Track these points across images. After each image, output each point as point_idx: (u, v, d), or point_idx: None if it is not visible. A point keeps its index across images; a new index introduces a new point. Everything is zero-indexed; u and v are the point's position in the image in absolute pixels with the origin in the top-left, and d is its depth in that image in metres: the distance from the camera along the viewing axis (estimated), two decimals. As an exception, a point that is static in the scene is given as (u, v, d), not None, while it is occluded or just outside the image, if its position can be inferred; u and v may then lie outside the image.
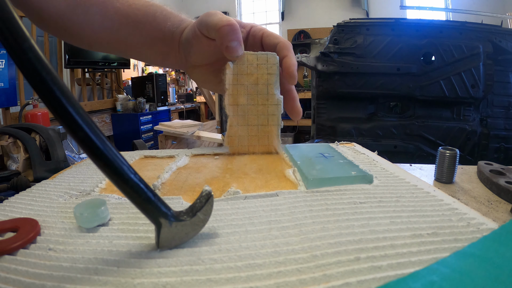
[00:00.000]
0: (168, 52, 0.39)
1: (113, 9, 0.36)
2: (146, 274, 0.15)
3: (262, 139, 0.37)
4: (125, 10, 0.37)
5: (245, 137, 0.37)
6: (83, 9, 0.36)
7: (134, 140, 0.52)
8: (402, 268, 0.15)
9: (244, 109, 0.36)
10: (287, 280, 0.14)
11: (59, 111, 0.13)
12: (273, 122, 0.37)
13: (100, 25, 0.37)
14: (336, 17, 3.67)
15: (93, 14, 0.37)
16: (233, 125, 0.37)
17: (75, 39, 0.40)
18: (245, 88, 0.36)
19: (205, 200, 0.18)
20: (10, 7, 0.13)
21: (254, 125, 0.37)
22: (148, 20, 0.37)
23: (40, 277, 0.15)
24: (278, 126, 0.37)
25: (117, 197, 0.25)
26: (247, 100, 0.36)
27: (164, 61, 0.41)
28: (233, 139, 0.37)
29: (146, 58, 0.41)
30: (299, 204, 0.22)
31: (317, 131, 1.73)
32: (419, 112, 1.61)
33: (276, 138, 0.37)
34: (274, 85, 0.36)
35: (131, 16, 0.37)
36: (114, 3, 0.37)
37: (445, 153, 0.41)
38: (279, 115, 0.37)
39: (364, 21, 1.70)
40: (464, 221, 0.19)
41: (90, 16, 0.37)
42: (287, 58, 0.35)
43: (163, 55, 0.39)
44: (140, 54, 0.41)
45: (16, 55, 0.13)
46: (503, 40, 1.49)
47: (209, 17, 0.33)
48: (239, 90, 0.36)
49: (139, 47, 0.39)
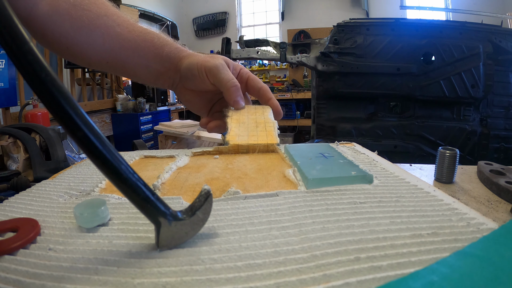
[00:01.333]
0: (163, 74, 0.44)
1: (115, 33, 0.40)
2: (146, 274, 0.15)
3: (261, 136, 0.39)
4: (125, 34, 0.41)
5: (244, 136, 0.38)
6: (87, 31, 0.39)
7: (134, 140, 0.52)
8: (402, 268, 0.15)
9: (245, 124, 0.42)
10: (287, 280, 0.14)
11: (58, 112, 0.14)
12: (270, 128, 0.41)
13: (101, 47, 0.41)
14: (336, 17, 3.68)
15: (96, 37, 0.40)
16: (234, 130, 0.40)
17: (76, 58, 0.43)
18: (245, 125, 0.42)
19: (204, 199, 0.18)
20: (10, 11, 0.13)
21: (253, 131, 0.41)
22: (147, 45, 0.41)
23: (40, 277, 0.15)
24: (275, 130, 0.41)
25: (117, 197, 0.25)
26: (247, 118, 0.42)
27: (156, 81, 0.45)
28: (233, 137, 0.38)
29: (139, 78, 0.46)
30: (299, 204, 0.22)
31: (317, 131, 1.73)
32: (419, 112, 1.61)
33: (274, 134, 0.40)
34: (268, 116, 0.44)
35: (131, 40, 0.41)
36: (115, 28, 0.40)
37: (445, 153, 0.41)
38: (275, 127, 0.42)
39: (364, 21, 1.70)
40: (464, 221, 0.19)
41: (93, 38, 0.40)
42: (272, 100, 0.46)
43: (156, 76, 0.44)
44: (135, 74, 0.45)
45: (15, 58, 0.13)
46: (503, 40, 1.50)
47: (219, 74, 0.41)
48: (240, 128, 0.42)
49: (136, 68, 0.43)
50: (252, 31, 4.90)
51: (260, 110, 0.44)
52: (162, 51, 0.42)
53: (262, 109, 0.45)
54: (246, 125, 0.41)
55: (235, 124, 0.41)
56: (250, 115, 0.43)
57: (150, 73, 0.44)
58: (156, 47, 0.42)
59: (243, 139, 0.38)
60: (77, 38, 0.39)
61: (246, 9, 5.01)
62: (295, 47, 1.95)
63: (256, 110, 0.44)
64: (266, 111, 0.44)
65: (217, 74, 0.40)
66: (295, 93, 3.93)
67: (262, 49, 1.89)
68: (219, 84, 0.41)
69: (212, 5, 4.90)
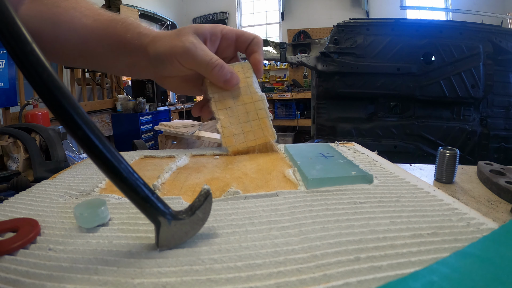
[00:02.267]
0: (134, 63, 0.40)
1: (80, 25, 0.38)
2: (146, 274, 0.15)
3: (257, 132, 0.38)
4: (90, 24, 0.38)
5: (240, 134, 0.38)
6: (52, 26, 0.38)
7: (134, 140, 0.52)
8: (402, 268, 0.15)
9: (233, 110, 0.39)
10: (287, 280, 0.14)
11: (59, 112, 0.14)
12: (262, 115, 0.39)
13: (69, 40, 0.39)
14: (336, 17, 3.68)
15: (64, 31, 0.38)
16: (227, 126, 0.38)
17: (54, 57, 0.41)
18: (229, 93, 0.39)
19: (203, 199, 0.18)
20: (12, 12, 0.13)
21: (246, 122, 0.38)
22: (109, 32, 0.38)
23: (40, 277, 0.15)
24: (268, 117, 0.39)
25: (117, 197, 0.25)
26: (234, 102, 0.39)
27: (132, 72, 0.42)
28: (230, 139, 0.37)
29: (115, 70, 0.43)
30: (299, 204, 0.22)
31: (317, 131, 1.73)
32: (419, 112, 1.61)
33: (270, 128, 0.39)
34: (253, 85, 0.39)
35: (95, 30, 0.38)
36: (81, 19, 0.38)
37: (445, 153, 0.41)
38: (265, 108, 0.39)
39: (364, 21, 1.70)
40: (464, 221, 0.19)
41: (62, 33, 0.38)
42: (255, 54, 0.39)
43: (129, 66, 0.41)
44: (108, 66, 0.43)
45: (18, 59, 0.13)
46: (503, 40, 1.49)
47: (193, 57, 0.35)
48: (224, 95, 0.39)
49: (106, 59, 0.40)
50: (252, 31, 4.90)
51: (242, 76, 0.39)
52: (125, 38, 0.38)
53: (243, 74, 0.39)
54: (234, 111, 0.38)
55: (223, 112, 0.38)
56: (234, 92, 0.39)
57: (122, 64, 0.40)
58: (119, 34, 0.38)
59: (240, 140, 0.37)
60: (44, 35, 0.38)
61: (246, 9, 5.01)
62: (295, 47, 1.95)
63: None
64: (248, 77, 0.39)
65: (191, 58, 0.35)
66: (295, 93, 3.93)
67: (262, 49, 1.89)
68: (197, 68, 0.36)
69: (212, 5, 4.90)
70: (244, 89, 0.39)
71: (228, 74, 0.36)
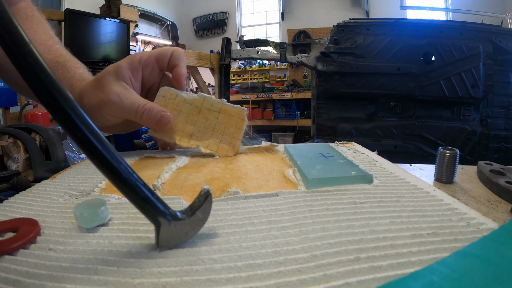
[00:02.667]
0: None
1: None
2: (146, 274, 0.15)
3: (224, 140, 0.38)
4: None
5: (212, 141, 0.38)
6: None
7: (134, 140, 0.52)
8: (402, 268, 0.15)
9: (200, 130, 0.38)
10: (287, 280, 0.14)
11: (57, 113, 0.14)
12: (233, 126, 0.38)
13: (15, 72, 0.40)
14: (336, 17, 3.67)
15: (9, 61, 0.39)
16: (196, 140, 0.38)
17: (7, 81, 0.42)
18: (183, 119, 0.38)
19: (203, 199, 0.18)
20: (10, 13, 0.13)
21: (214, 133, 0.38)
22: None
23: (40, 277, 0.15)
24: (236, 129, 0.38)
25: (117, 197, 0.25)
26: (194, 126, 0.38)
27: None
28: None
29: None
30: (299, 204, 0.22)
31: (317, 131, 1.73)
32: (419, 112, 1.61)
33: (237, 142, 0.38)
34: (193, 97, 0.38)
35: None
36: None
37: (445, 153, 0.41)
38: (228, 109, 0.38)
39: (364, 21, 1.70)
40: (464, 221, 0.19)
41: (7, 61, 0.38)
42: (176, 68, 0.38)
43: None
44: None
45: (16, 59, 0.13)
46: (503, 40, 1.50)
47: (119, 111, 0.35)
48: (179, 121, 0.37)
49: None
50: (252, 31, 4.90)
51: (174, 103, 0.38)
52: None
53: (172, 101, 0.38)
54: (201, 131, 0.38)
55: (187, 140, 0.38)
56: (185, 117, 0.37)
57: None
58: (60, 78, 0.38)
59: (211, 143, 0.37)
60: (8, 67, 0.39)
61: (246, 9, 5.01)
62: (295, 47, 1.95)
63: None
64: (177, 98, 0.38)
65: (120, 110, 0.35)
66: (295, 93, 3.93)
67: (262, 49, 1.89)
68: (128, 118, 0.36)
69: (212, 5, 4.89)
70: (194, 109, 0.38)
71: (157, 115, 0.35)
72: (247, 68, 4.68)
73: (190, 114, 0.38)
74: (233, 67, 4.55)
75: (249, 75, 4.63)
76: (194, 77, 2.48)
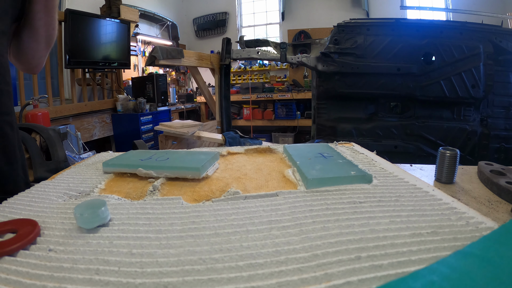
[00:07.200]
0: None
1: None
2: (148, 274, 0.15)
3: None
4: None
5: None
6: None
7: (135, 140, 0.52)
8: (403, 267, 0.15)
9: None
10: (288, 279, 0.14)
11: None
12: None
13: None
14: (336, 17, 3.67)
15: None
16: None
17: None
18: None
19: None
20: None
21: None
22: None
23: (41, 278, 0.15)
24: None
25: (117, 198, 0.25)
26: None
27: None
28: None
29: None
30: (299, 204, 0.22)
31: (317, 131, 1.73)
32: (420, 112, 1.61)
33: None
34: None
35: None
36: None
37: (446, 153, 0.41)
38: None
39: (365, 21, 1.70)
40: (463, 220, 0.19)
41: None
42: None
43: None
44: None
45: None
46: (503, 40, 1.49)
47: None
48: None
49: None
50: (253, 31, 4.90)
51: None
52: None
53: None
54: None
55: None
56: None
57: None
58: None
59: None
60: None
61: (247, 9, 5.01)
62: (296, 47, 1.95)
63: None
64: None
65: None
66: (295, 93, 3.93)
67: (263, 49, 1.89)
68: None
69: (213, 5, 4.89)
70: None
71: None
72: (248, 68, 4.68)
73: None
74: (233, 67, 4.55)
75: (250, 75, 4.63)
76: (194, 77, 2.48)
